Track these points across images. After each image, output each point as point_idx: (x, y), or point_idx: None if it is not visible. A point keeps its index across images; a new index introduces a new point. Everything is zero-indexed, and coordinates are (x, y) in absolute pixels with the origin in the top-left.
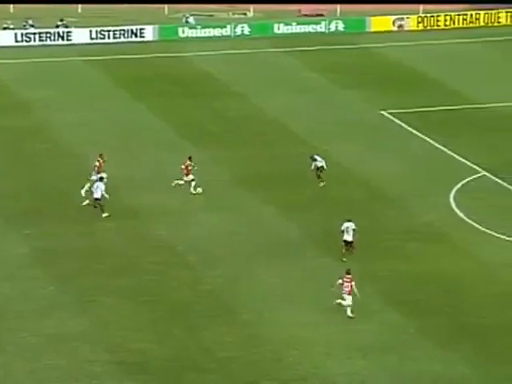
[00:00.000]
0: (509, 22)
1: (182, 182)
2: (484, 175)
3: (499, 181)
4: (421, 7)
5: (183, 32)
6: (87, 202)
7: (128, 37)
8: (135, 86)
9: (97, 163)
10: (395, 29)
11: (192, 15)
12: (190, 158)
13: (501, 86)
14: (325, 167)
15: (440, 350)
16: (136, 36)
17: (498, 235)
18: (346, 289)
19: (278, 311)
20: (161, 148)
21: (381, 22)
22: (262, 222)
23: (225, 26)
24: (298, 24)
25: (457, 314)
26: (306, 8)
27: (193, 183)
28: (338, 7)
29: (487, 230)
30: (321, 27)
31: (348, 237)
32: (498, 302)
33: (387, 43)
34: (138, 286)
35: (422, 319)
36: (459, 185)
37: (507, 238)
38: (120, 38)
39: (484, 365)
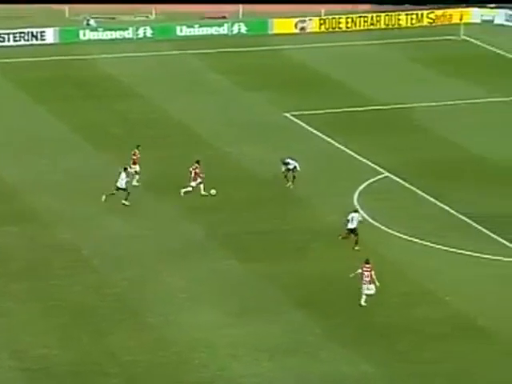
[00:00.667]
0: (409, 24)
1: (190, 189)
2: (387, 176)
3: (401, 181)
4: (323, 9)
5: (84, 35)
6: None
7: (28, 39)
8: (36, 89)
9: (134, 156)
10: (297, 31)
11: (93, 18)
12: (197, 162)
13: (402, 87)
14: (298, 168)
15: (346, 350)
16: (37, 39)
17: (401, 235)
18: (367, 278)
19: (184, 314)
20: (63, 151)
21: (283, 24)
22: (168, 224)
23: (127, 29)
24: (201, 26)
25: (362, 313)
26: (208, 11)
27: (201, 186)
28: (241, 9)
29: (390, 230)
30: (223, 29)
31: (352, 225)
32: (403, 302)
33: (290, 45)
34: (42, 290)
35: (327, 320)
36: (363, 186)
37: (409, 238)
38: (20, 40)
39: (389, 364)
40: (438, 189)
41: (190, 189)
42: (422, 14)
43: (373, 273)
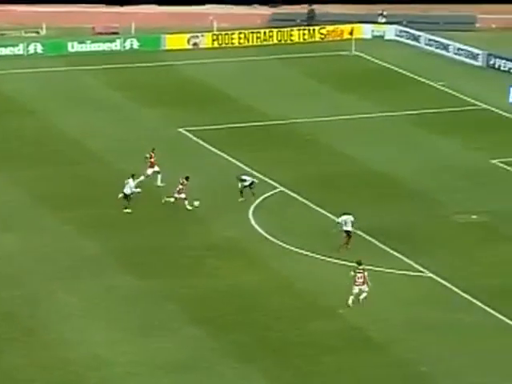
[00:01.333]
0: (301, 40)
1: (172, 200)
2: (281, 190)
3: (295, 195)
4: (215, 25)
5: None
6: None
7: None
8: None
9: (151, 159)
10: (190, 46)
11: None
12: (187, 178)
13: (295, 102)
14: (255, 182)
15: (242, 365)
16: None
17: (296, 249)
18: (360, 280)
19: (80, 331)
20: None
21: (176, 39)
22: (62, 240)
23: (17, 45)
24: (93, 42)
25: (257, 328)
26: (100, 26)
27: (186, 201)
28: (133, 25)
29: (285, 245)
30: (116, 45)
31: (348, 227)
32: (298, 316)
33: (183, 61)
34: None
35: (223, 335)
36: (257, 201)
37: (304, 252)
38: None
39: (284, 378)
40: (332, 203)
41: (172, 199)
42: (313, 30)
43: (366, 274)
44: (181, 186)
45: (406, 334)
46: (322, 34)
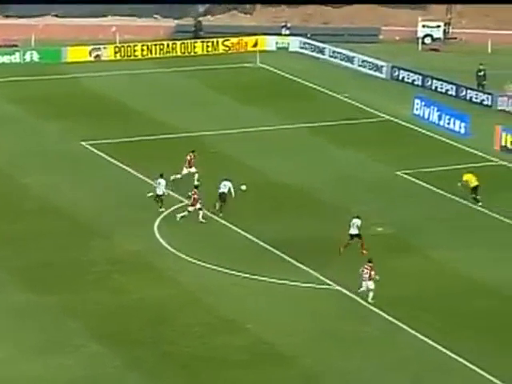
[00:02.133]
0: (205, 52)
1: (186, 214)
2: (187, 204)
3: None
4: (118, 37)
5: None
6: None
7: None
8: None
9: (188, 157)
10: (92, 59)
11: None
12: (196, 187)
13: (199, 115)
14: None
15: (148, 382)
16: None
17: (203, 263)
18: (366, 275)
19: None
20: None
21: (77, 52)
22: None
23: None
24: None
25: (164, 343)
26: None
27: (200, 212)
28: (33, 37)
29: (191, 259)
30: (15, 58)
31: (353, 230)
32: (205, 331)
33: (85, 73)
34: None
35: (129, 351)
36: (164, 214)
37: (211, 266)
38: None
39: None
40: (237, 215)
41: (186, 213)
42: (217, 42)
43: (373, 272)
44: (195, 196)
45: (314, 347)
46: (226, 46)
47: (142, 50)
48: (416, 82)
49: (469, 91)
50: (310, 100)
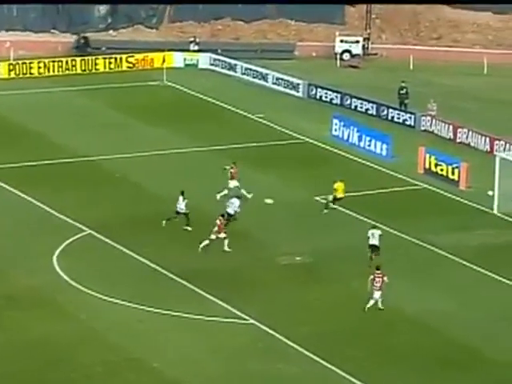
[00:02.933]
0: (107, 69)
1: (207, 242)
2: (89, 233)
3: (104, 238)
4: (12, 53)
5: None
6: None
7: None
8: None
9: (232, 170)
10: None
11: None
12: (223, 215)
13: (102, 137)
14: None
15: None
16: None
17: (104, 297)
18: (378, 284)
19: None
20: None
21: None
22: None
23: None
24: None
25: None
26: None
27: (226, 241)
28: None
29: (94, 292)
30: None
31: (374, 241)
32: (107, 370)
33: None
34: None
35: None
36: (63, 245)
37: (114, 300)
38: None
39: None
40: (144, 244)
41: (208, 242)
42: (120, 58)
43: (385, 278)
44: (220, 224)
45: None
46: (130, 62)
47: (39, 67)
48: (334, 101)
49: (390, 110)
50: (222, 121)
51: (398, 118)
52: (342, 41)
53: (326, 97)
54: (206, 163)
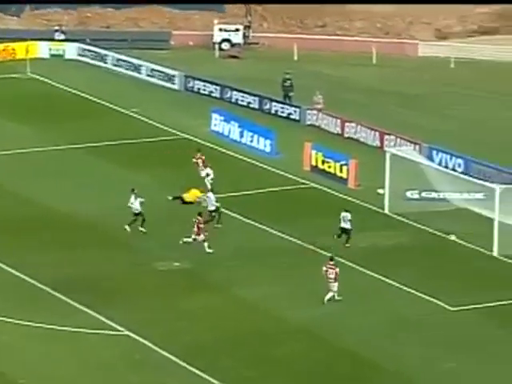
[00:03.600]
0: None
1: (190, 240)
2: None
3: None
4: None
5: None
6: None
7: None
8: None
9: (199, 160)
10: None
11: None
12: (200, 215)
13: None
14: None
15: None
16: None
17: None
18: (332, 276)
19: None
20: None
21: None
22: None
23: None
24: None
25: None
26: None
27: (205, 244)
28: None
29: None
30: None
31: (345, 224)
32: None
33: None
34: None
35: None
36: None
37: None
38: None
39: None
40: (5, 252)
41: (190, 239)
42: None
43: (337, 270)
44: (200, 225)
45: None
46: None
47: None
48: (214, 94)
49: (274, 104)
50: (92, 116)
51: (282, 112)
52: (220, 29)
53: (205, 89)
54: (73, 163)
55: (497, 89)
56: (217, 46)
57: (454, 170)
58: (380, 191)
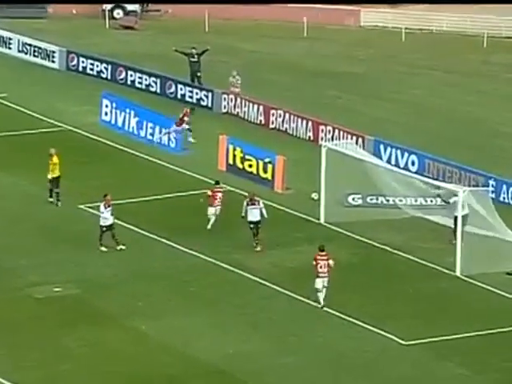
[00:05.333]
0: None
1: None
2: None
3: None
4: None
5: None
6: None
7: None
8: None
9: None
10: None
11: None
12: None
13: None
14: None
15: None
16: None
17: None
18: (323, 269)
19: None
20: None
21: None
22: None
23: None
24: None
25: None
26: None
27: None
28: None
29: None
30: None
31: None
32: None
33: None
34: None
35: None
36: None
37: None
38: None
39: None
40: None
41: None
42: None
43: (331, 262)
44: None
45: None
46: None
47: None
48: (104, 75)
49: (180, 86)
50: None
51: (191, 97)
52: None
53: (92, 69)
54: None
55: (458, 68)
56: (107, 15)
57: (406, 169)
58: (314, 196)
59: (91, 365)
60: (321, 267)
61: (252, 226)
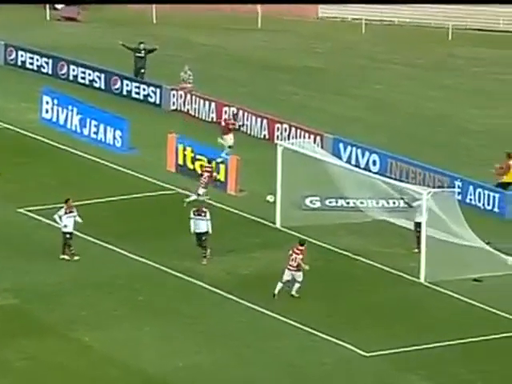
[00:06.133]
0: None
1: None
2: None
3: None
4: None
5: None
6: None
7: None
8: None
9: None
10: None
11: None
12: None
13: None
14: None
15: None
16: None
17: None
18: (293, 263)
19: None
20: None
21: None
22: None
23: None
24: None
25: None
26: None
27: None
28: None
29: None
30: None
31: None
32: None
33: None
34: None
35: None
36: None
37: None
38: None
39: None
40: None
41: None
42: None
43: (301, 257)
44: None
45: None
46: None
47: None
48: (44, 70)
49: (126, 82)
50: None
51: (138, 94)
52: None
53: (32, 63)
54: None
55: (421, 61)
56: (47, 5)
57: (367, 169)
58: (269, 198)
59: (31, 378)
60: (292, 260)
61: (197, 238)
